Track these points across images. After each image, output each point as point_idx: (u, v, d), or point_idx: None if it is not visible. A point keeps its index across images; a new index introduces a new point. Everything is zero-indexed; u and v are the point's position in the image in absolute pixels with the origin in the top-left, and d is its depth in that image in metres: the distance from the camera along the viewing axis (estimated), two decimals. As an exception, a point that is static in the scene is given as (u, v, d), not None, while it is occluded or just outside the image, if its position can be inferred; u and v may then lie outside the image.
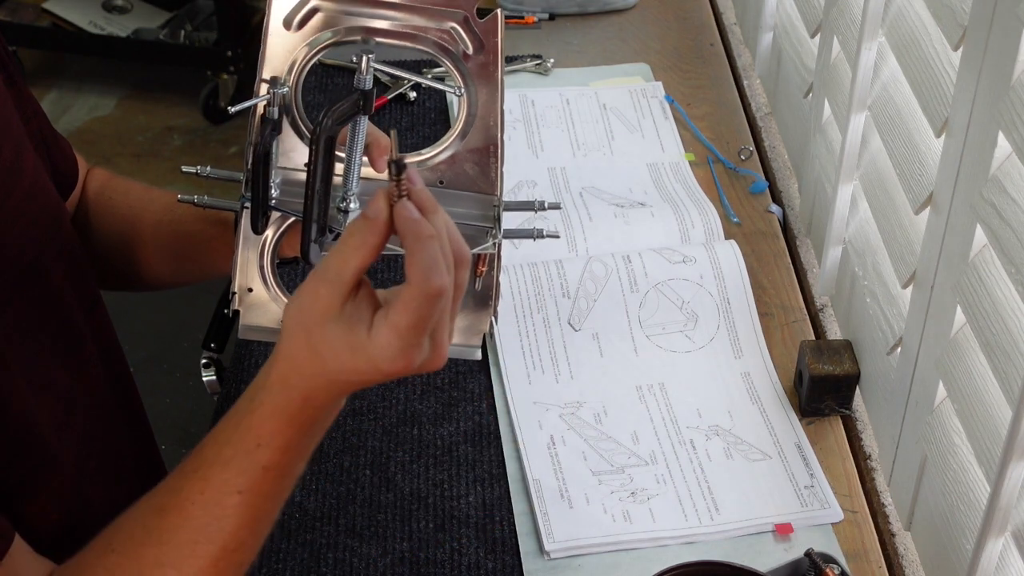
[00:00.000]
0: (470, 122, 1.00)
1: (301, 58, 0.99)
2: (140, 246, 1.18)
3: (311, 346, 0.81)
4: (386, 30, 0.98)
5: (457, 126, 1.01)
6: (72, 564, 0.89)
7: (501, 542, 1.17)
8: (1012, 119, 0.90)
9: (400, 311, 0.78)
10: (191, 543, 0.85)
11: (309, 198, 0.94)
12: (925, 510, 1.12)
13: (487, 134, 1.00)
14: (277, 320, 1.02)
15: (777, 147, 1.64)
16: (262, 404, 0.84)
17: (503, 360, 1.33)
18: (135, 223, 1.18)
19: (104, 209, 1.19)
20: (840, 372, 1.26)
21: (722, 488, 1.21)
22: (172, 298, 2.79)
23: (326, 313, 0.80)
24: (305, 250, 0.98)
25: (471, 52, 0.98)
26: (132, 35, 3.36)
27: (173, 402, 2.59)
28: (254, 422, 0.84)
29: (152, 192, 1.20)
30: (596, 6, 1.91)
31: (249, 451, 0.84)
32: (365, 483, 1.23)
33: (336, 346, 0.80)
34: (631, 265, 1.38)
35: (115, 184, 1.21)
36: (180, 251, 1.17)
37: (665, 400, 1.30)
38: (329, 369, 0.81)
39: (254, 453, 0.84)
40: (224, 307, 1.62)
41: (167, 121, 3.41)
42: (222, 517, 0.85)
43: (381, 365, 0.80)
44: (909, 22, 1.13)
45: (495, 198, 1.01)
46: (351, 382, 0.83)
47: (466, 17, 0.96)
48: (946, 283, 1.04)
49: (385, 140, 1.03)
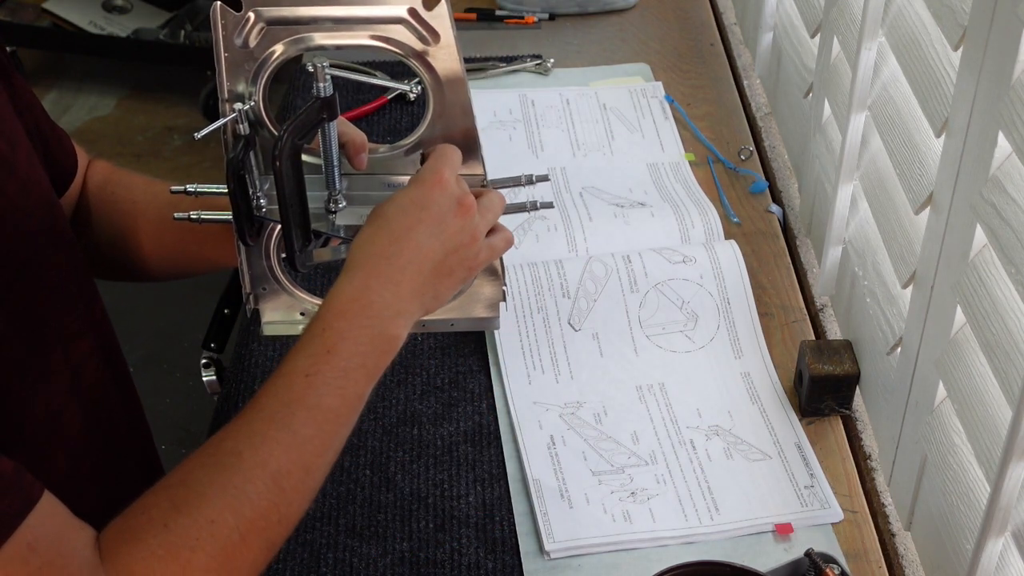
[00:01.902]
0: (440, 112, 1.01)
1: (260, 72, 0.99)
2: (143, 238, 1.19)
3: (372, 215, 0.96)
4: (333, 35, 0.98)
5: (426, 119, 1.02)
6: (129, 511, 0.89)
7: (501, 542, 1.17)
8: (1012, 119, 0.90)
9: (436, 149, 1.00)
10: (265, 427, 0.89)
11: (284, 212, 0.96)
12: (925, 510, 1.12)
13: (462, 122, 1.01)
14: (296, 312, 1.08)
15: (777, 147, 1.64)
16: (332, 292, 0.94)
17: (503, 360, 1.33)
18: (137, 216, 1.18)
19: (106, 202, 1.19)
20: (840, 372, 1.26)
21: (722, 488, 1.21)
22: (172, 298, 2.80)
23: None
24: (291, 259, 1.00)
25: (431, 44, 0.98)
26: (132, 35, 3.36)
27: (173, 402, 2.59)
28: (321, 312, 0.93)
29: (154, 185, 1.20)
30: (596, 6, 1.91)
31: (315, 335, 0.92)
32: (365, 483, 1.23)
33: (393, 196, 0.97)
34: (631, 265, 1.38)
35: (117, 177, 1.21)
36: (182, 244, 1.18)
37: (665, 400, 1.30)
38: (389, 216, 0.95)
39: (320, 337, 0.92)
40: (224, 307, 1.63)
41: (167, 121, 3.41)
42: (291, 402, 0.90)
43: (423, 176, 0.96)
44: (909, 22, 1.13)
45: (482, 178, 1.03)
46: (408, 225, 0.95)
47: (412, 9, 0.96)
48: (946, 283, 1.04)
49: (360, 137, 1.04)
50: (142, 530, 0.86)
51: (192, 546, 0.85)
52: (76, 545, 0.85)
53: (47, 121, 1.13)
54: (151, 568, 0.85)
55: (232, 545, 0.86)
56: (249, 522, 0.87)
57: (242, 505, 0.87)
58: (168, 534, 0.85)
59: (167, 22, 3.39)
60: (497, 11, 1.91)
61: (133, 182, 1.21)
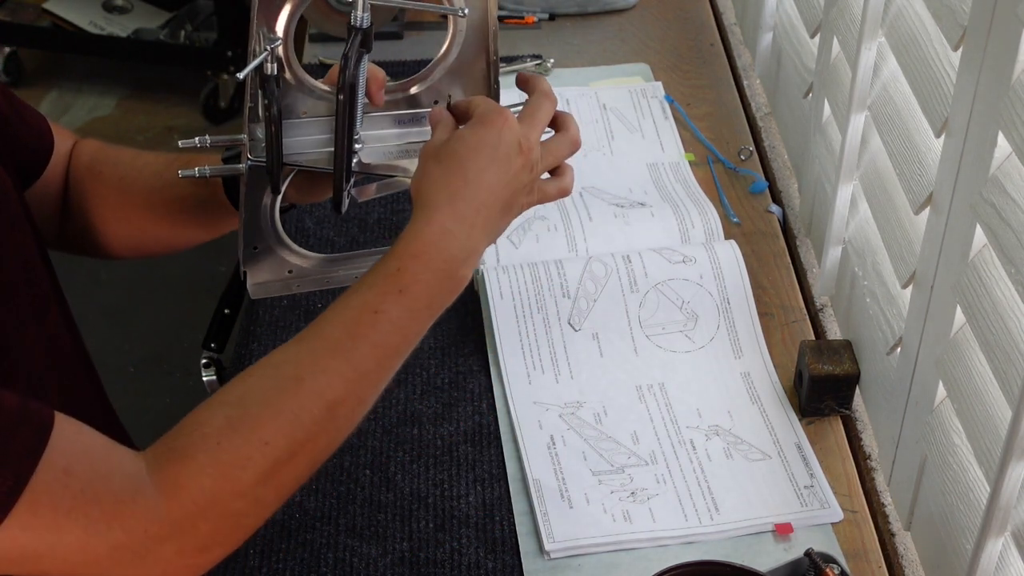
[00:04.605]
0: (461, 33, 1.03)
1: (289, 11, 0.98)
2: (135, 214, 1.18)
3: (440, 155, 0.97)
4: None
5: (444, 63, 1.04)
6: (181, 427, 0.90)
7: (501, 542, 1.17)
8: (1012, 119, 0.90)
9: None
10: (327, 357, 0.91)
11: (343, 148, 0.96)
12: (925, 510, 1.12)
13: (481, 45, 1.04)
14: (285, 271, 1.09)
15: (777, 147, 1.64)
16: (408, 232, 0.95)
17: (503, 360, 1.33)
18: (127, 192, 1.18)
19: (95, 180, 1.19)
20: (840, 372, 1.26)
21: (722, 488, 1.21)
22: (172, 298, 2.80)
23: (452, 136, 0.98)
24: (338, 200, 1.00)
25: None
26: (132, 35, 3.36)
27: (173, 402, 2.59)
28: (397, 250, 0.94)
29: (142, 158, 1.20)
30: (596, 6, 1.91)
31: (389, 274, 0.93)
32: (365, 483, 1.23)
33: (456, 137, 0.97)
34: (631, 265, 1.38)
35: (105, 154, 1.20)
36: (175, 215, 1.18)
37: (665, 400, 1.30)
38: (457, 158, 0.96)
39: (393, 276, 0.93)
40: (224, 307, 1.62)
41: (167, 121, 3.41)
42: (356, 335, 0.92)
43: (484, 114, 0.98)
44: (909, 22, 1.13)
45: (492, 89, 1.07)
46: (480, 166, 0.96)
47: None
48: (946, 283, 1.04)
49: (381, 74, 1.04)
50: (194, 446, 0.87)
51: (243, 465, 0.87)
52: (114, 461, 0.86)
53: (11, 106, 1.11)
54: (200, 484, 0.86)
55: (280, 464, 0.88)
56: (299, 444, 0.89)
57: (295, 430, 0.89)
58: (220, 452, 0.87)
59: (167, 22, 3.39)
60: (497, 11, 1.91)
61: (120, 157, 1.20)
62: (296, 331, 1.37)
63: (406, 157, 1.06)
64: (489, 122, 0.98)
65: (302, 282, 1.10)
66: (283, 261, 1.09)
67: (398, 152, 1.06)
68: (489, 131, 0.97)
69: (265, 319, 1.40)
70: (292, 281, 1.10)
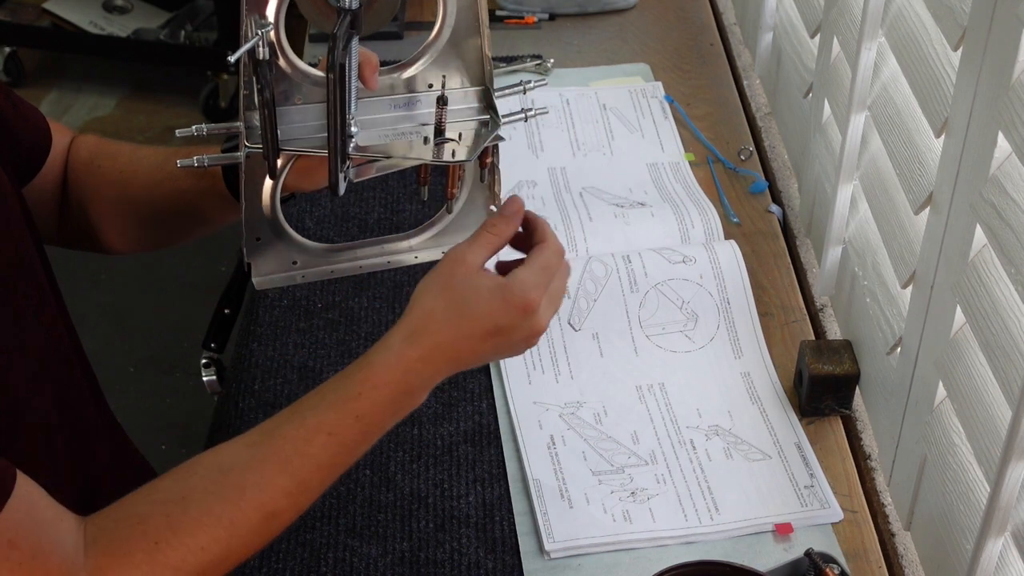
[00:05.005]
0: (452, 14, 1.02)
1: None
2: (134, 208, 1.18)
3: (451, 294, 0.94)
4: None
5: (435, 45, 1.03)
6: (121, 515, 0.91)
7: (501, 542, 1.17)
8: (1012, 119, 0.90)
9: (536, 255, 0.96)
10: (274, 472, 0.92)
11: (335, 128, 0.96)
12: (925, 510, 1.12)
13: (470, 26, 1.03)
14: (289, 262, 1.09)
15: (777, 147, 1.64)
16: (378, 359, 0.94)
17: (503, 360, 1.33)
18: (127, 186, 1.18)
19: (94, 175, 1.18)
20: (840, 372, 1.26)
21: (722, 488, 1.21)
22: (172, 298, 2.80)
23: (471, 268, 0.96)
24: (334, 182, 1.00)
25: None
26: (132, 35, 3.36)
27: (173, 402, 2.59)
28: (363, 374, 0.94)
29: (141, 152, 1.20)
30: (596, 6, 1.91)
31: (349, 398, 0.94)
32: (365, 483, 1.23)
33: (479, 287, 0.94)
34: (631, 265, 1.38)
35: (103, 149, 1.20)
36: (175, 208, 1.17)
37: (665, 400, 1.30)
38: (465, 314, 0.94)
39: (352, 401, 0.93)
40: (224, 307, 1.62)
41: (167, 121, 3.40)
42: (307, 455, 0.93)
43: (515, 298, 0.94)
44: (909, 22, 1.13)
45: (486, 89, 1.05)
46: (477, 335, 0.94)
47: None
48: (946, 283, 1.04)
49: (373, 56, 1.04)
50: (131, 541, 0.88)
51: (177, 567, 0.89)
52: (57, 537, 0.87)
53: (8, 102, 1.11)
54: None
55: (212, 565, 0.91)
56: (233, 551, 0.91)
57: (231, 538, 0.91)
58: (158, 553, 0.88)
59: (167, 22, 3.39)
60: (497, 11, 1.91)
61: (119, 152, 1.20)
62: (296, 331, 1.38)
63: (402, 139, 1.06)
64: (511, 304, 0.95)
65: (306, 273, 1.10)
66: (286, 251, 1.09)
67: (394, 135, 1.06)
68: (514, 316, 0.95)
69: (265, 319, 1.40)
70: (296, 272, 1.10)
